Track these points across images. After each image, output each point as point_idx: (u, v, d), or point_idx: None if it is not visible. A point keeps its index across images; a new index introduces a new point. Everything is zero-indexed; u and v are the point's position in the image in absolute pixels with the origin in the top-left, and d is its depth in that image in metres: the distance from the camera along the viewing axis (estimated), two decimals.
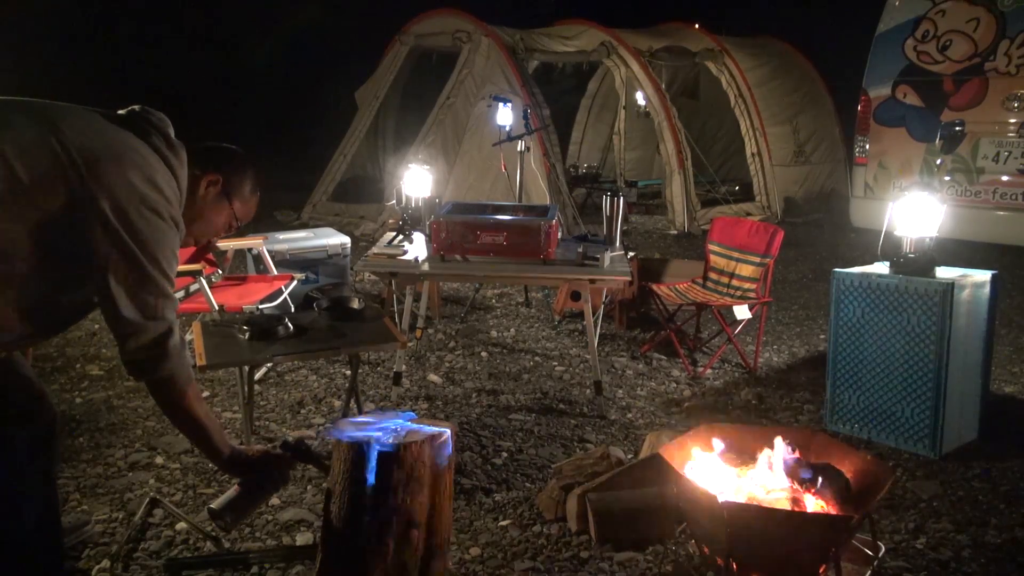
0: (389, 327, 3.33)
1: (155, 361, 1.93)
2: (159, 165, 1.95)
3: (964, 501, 3.06)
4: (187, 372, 1.99)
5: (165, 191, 1.94)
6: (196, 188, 2.10)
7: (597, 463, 3.01)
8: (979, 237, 7.05)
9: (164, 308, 1.94)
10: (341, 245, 5.60)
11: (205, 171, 2.12)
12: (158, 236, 1.90)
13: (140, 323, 1.90)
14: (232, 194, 2.17)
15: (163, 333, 1.93)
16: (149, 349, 1.93)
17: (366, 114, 9.48)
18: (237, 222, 2.23)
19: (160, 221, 1.90)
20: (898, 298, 3.48)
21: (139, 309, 1.90)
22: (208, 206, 2.15)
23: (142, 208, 1.88)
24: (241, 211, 2.21)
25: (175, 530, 2.76)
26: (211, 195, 2.14)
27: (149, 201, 1.89)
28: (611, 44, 9.28)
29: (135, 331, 1.91)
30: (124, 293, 1.88)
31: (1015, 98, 7.03)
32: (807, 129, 10.14)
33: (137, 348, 1.92)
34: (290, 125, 13.36)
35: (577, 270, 4.05)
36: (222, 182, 2.14)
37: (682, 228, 8.90)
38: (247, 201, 2.22)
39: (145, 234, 1.88)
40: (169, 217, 1.93)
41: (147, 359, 1.93)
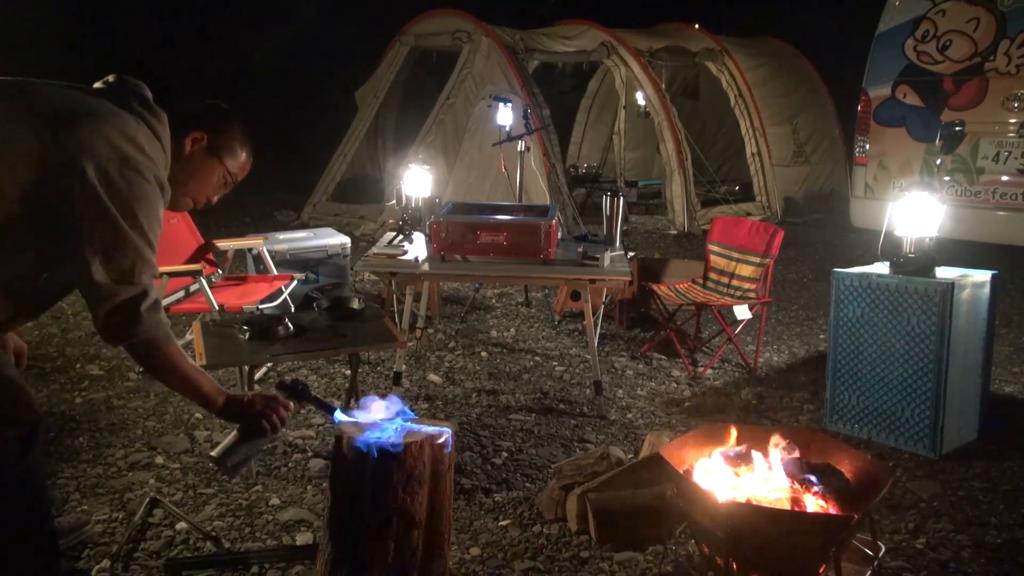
0: (389, 327, 3.33)
1: (126, 326, 1.87)
2: (139, 126, 1.90)
3: (964, 501, 3.06)
4: (164, 332, 1.92)
5: (146, 149, 1.88)
6: (181, 149, 2.03)
7: (597, 463, 3.01)
8: (979, 237, 7.04)
9: (140, 272, 1.86)
10: (341, 245, 5.60)
11: (187, 130, 2.04)
12: (139, 196, 1.83)
13: (111, 288, 1.83)
14: (220, 150, 2.09)
15: (134, 297, 1.85)
16: (119, 314, 1.85)
17: (366, 114, 9.47)
18: (231, 178, 2.16)
19: (142, 181, 1.84)
20: (898, 298, 3.48)
21: (112, 273, 1.83)
22: (196, 166, 2.08)
23: (122, 167, 1.81)
24: (233, 166, 2.14)
25: (175, 530, 2.76)
26: (197, 154, 2.06)
27: (130, 160, 1.83)
28: (611, 44, 9.28)
29: (106, 296, 1.84)
30: (98, 256, 1.81)
31: (1015, 98, 7.03)
32: (807, 129, 10.14)
33: (107, 313, 1.85)
34: (290, 125, 13.35)
35: (577, 270, 4.05)
36: (207, 138, 2.07)
37: (682, 228, 8.90)
38: (237, 155, 2.14)
39: (125, 193, 1.81)
40: (153, 177, 1.87)
41: (118, 324, 1.87)
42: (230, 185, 2.18)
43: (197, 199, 2.15)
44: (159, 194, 1.89)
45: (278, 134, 13.77)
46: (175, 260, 4.49)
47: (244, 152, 2.16)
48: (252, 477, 3.14)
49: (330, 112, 10.61)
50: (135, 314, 1.85)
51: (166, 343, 1.93)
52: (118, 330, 1.88)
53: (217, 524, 2.82)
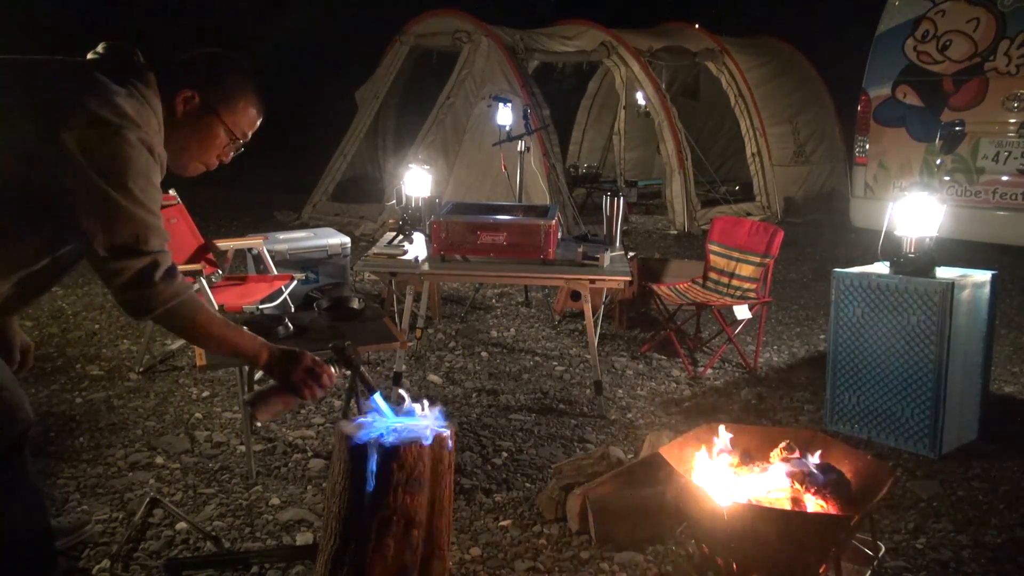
0: (389, 327, 3.33)
1: (145, 300, 1.79)
2: (120, 88, 1.77)
3: (964, 501, 3.06)
4: (186, 300, 1.83)
5: (129, 112, 1.75)
6: (172, 111, 1.89)
7: (597, 463, 3.01)
8: (979, 237, 7.04)
9: (145, 240, 1.76)
10: (341, 245, 5.60)
11: (176, 89, 1.89)
12: (126, 162, 1.72)
13: (118, 262, 1.75)
14: (217, 106, 1.93)
15: (144, 268, 1.77)
16: (134, 288, 1.77)
17: (366, 114, 9.48)
18: (236, 138, 1.99)
19: (126, 146, 1.72)
20: (898, 298, 3.48)
21: (116, 246, 1.74)
22: (193, 127, 1.93)
23: (104, 133, 1.70)
24: (236, 122, 1.96)
25: (175, 530, 2.76)
26: (192, 114, 1.91)
27: (112, 124, 1.71)
28: (611, 44, 9.28)
29: (116, 271, 1.76)
30: (99, 230, 1.72)
31: (1015, 98, 7.03)
32: (807, 129, 10.14)
33: (121, 287, 1.77)
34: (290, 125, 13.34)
35: (577, 270, 4.05)
36: (198, 96, 1.91)
37: (682, 228, 8.90)
38: (237, 109, 1.96)
39: (109, 162, 1.70)
40: (138, 140, 1.74)
41: (136, 299, 1.79)
42: (238, 146, 2.02)
43: (206, 162, 2.01)
44: (150, 159, 1.78)
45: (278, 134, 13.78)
46: (175, 260, 4.49)
47: (246, 104, 1.98)
48: (252, 477, 3.14)
49: (330, 112, 10.60)
50: (149, 286, 1.77)
51: (192, 311, 1.85)
52: (137, 305, 1.81)
53: (217, 524, 2.82)
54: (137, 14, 13.76)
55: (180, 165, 1.99)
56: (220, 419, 3.73)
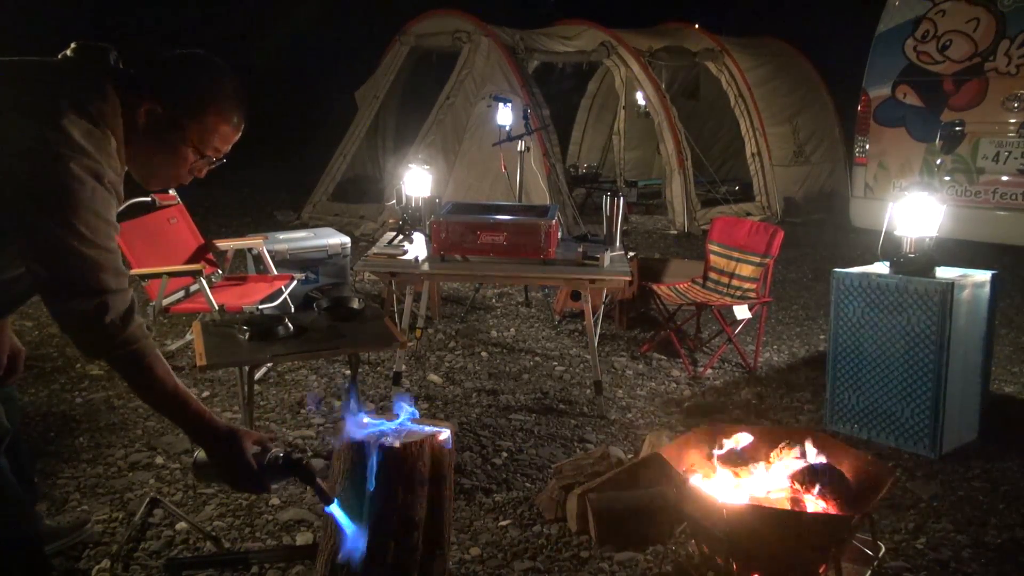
0: (389, 327, 3.33)
1: (91, 344, 1.63)
2: (72, 106, 1.59)
3: (964, 501, 3.06)
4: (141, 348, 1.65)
5: (76, 137, 1.56)
6: (135, 123, 1.69)
7: (597, 463, 3.01)
8: (979, 237, 7.04)
9: (94, 279, 1.58)
10: (341, 245, 5.60)
11: (139, 99, 1.69)
12: (68, 195, 1.54)
13: (64, 302, 1.59)
14: (183, 120, 1.71)
15: (93, 309, 1.58)
16: (81, 331, 1.61)
17: (366, 114, 9.47)
18: (210, 151, 1.76)
19: (69, 177, 1.54)
20: (898, 298, 3.48)
21: (61, 287, 1.58)
22: (157, 142, 1.72)
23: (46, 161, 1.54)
24: (204, 139, 1.74)
25: (175, 530, 2.76)
26: (154, 127, 1.71)
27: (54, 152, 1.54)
28: (611, 44, 9.28)
29: (62, 312, 1.60)
30: (41, 268, 1.57)
31: (1015, 98, 7.03)
32: (807, 129, 10.14)
33: (67, 329, 1.62)
34: (290, 125, 13.36)
35: (577, 270, 4.05)
36: (163, 109, 1.70)
37: (682, 228, 8.90)
38: (209, 125, 1.73)
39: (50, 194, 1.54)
40: (84, 170, 1.56)
41: (83, 342, 1.63)
42: (209, 161, 1.80)
43: (176, 179, 1.82)
44: (98, 189, 1.59)
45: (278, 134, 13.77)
46: (175, 260, 4.49)
47: (217, 119, 1.74)
48: None
49: (330, 112, 10.61)
50: (98, 329, 1.60)
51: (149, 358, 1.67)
52: (85, 348, 1.65)
53: (217, 524, 2.82)
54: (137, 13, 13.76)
55: (145, 178, 1.81)
56: (220, 419, 3.73)
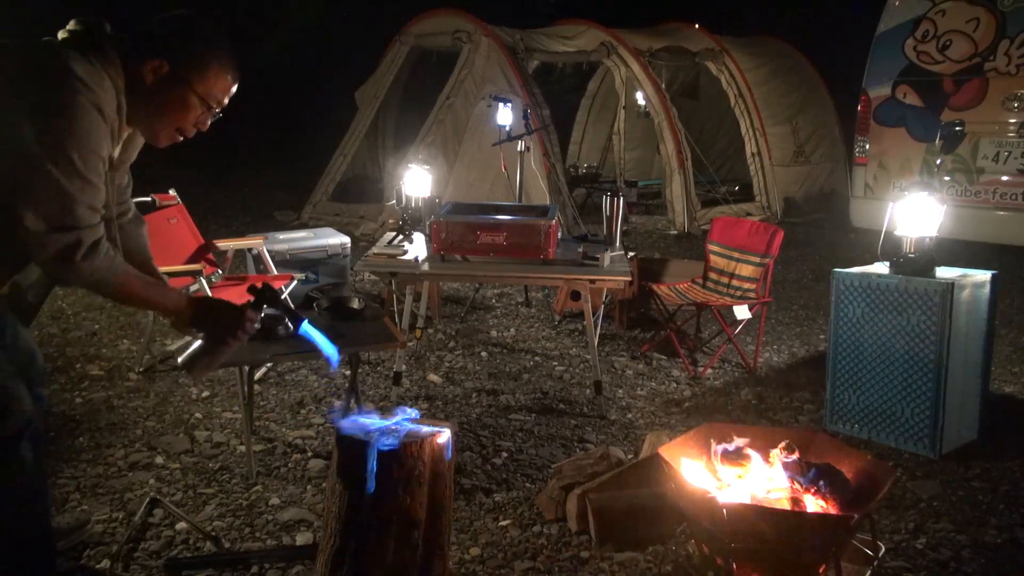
0: (389, 327, 3.33)
1: (65, 275, 1.77)
2: (73, 53, 1.75)
3: (964, 501, 3.06)
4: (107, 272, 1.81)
5: (80, 74, 1.71)
6: (140, 80, 1.84)
7: (597, 463, 3.01)
8: (979, 237, 7.05)
9: (72, 215, 1.72)
10: (341, 245, 5.60)
11: (144, 58, 1.84)
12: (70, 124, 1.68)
13: (43, 236, 1.70)
14: (188, 75, 1.87)
15: (70, 244, 1.72)
16: (57, 263, 1.74)
17: (366, 114, 9.47)
18: (209, 106, 1.93)
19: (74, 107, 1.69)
20: (898, 298, 3.48)
21: (43, 220, 1.69)
22: (164, 97, 1.87)
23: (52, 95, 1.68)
24: (208, 91, 1.90)
25: (175, 530, 2.76)
26: (161, 84, 1.85)
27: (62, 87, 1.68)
28: (611, 44, 9.28)
29: (41, 244, 1.71)
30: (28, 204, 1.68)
31: (1015, 98, 7.03)
32: (807, 129, 10.13)
33: (44, 261, 1.75)
34: (290, 125, 13.35)
35: (577, 270, 4.05)
36: (167, 65, 1.85)
37: (682, 228, 8.90)
38: (209, 77, 1.90)
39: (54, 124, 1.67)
40: (87, 102, 1.71)
41: (57, 272, 1.77)
42: (211, 113, 1.96)
43: (181, 131, 1.96)
44: (98, 119, 1.74)
45: (278, 134, 13.77)
46: (175, 260, 4.49)
47: (218, 70, 1.91)
48: (252, 477, 3.14)
49: (330, 112, 10.60)
50: (71, 263, 1.74)
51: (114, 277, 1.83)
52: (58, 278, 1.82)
53: (217, 524, 2.82)
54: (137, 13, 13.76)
55: (153, 133, 1.96)
56: (220, 419, 3.73)
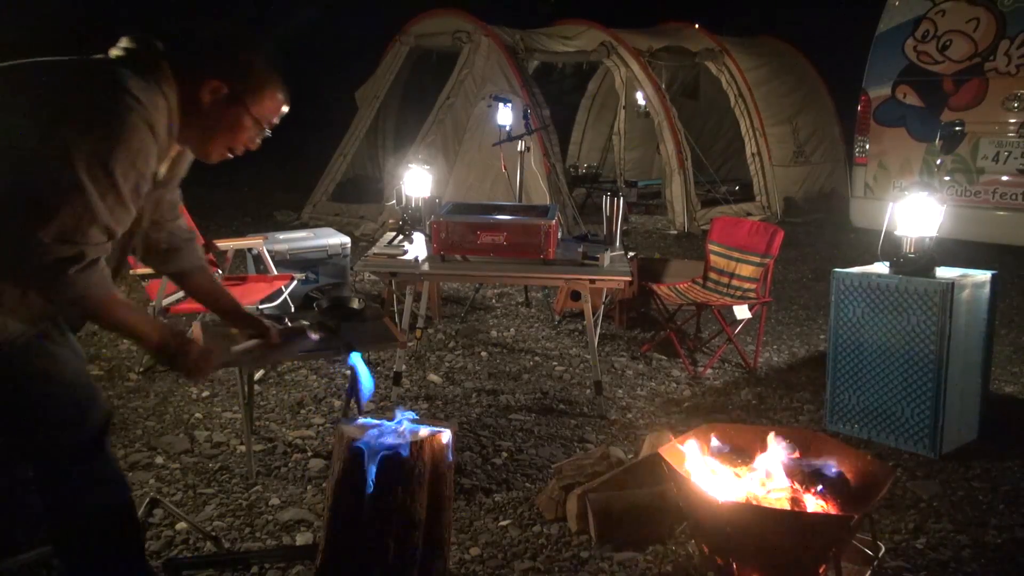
0: (389, 327, 3.33)
1: (54, 285, 1.69)
2: (126, 71, 1.74)
3: (964, 501, 3.06)
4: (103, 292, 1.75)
5: (135, 91, 1.70)
6: (197, 99, 1.85)
7: (597, 463, 3.01)
8: (979, 237, 7.05)
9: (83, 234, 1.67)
10: (341, 245, 5.60)
11: (204, 78, 1.84)
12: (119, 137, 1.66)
13: (48, 245, 1.63)
14: (243, 96, 1.88)
15: (68, 258, 1.66)
16: (49, 272, 1.67)
17: (366, 114, 9.47)
18: (263, 126, 1.97)
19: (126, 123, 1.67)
20: (898, 298, 3.48)
21: (55, 229, 1.63)
22: (220, 117, 1.89)
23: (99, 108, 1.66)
24: (262, 111, 1.93)
25: (175, 530, 2.76)
26: (219, 104, 1.87)
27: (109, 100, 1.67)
28: (611, 44, 9.28)
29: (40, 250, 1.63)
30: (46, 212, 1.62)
31: (1015, 98, 7.03)
32: (807, 129, 10.14)
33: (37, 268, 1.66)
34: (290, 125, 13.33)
35: (577, 270, 4.05)
36: (226, 87, 1.86)
37: (682, 228, 8.90)
38: (265, 98, 1.92)
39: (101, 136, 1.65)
40: (140, 119, 1.70)
41: (46, 280, 1.69)
42: (263, 132, 1.99)
43: (232, 149, 1.99)
44: (148, 136, 1.73)
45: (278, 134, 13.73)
46: None
47: (272, 91, 1.94)
48: (252, 477, 3.14)
49: (330, 112, 10.60)
50: (64, 274, 1.67)
51: (102, 298, 1.77)
52: (46, 285, 1.71)
53: (217, 524, 2.82)
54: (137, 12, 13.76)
55: (205, 152, 1.98)
56: (220, 419, 3.73)
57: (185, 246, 2.26)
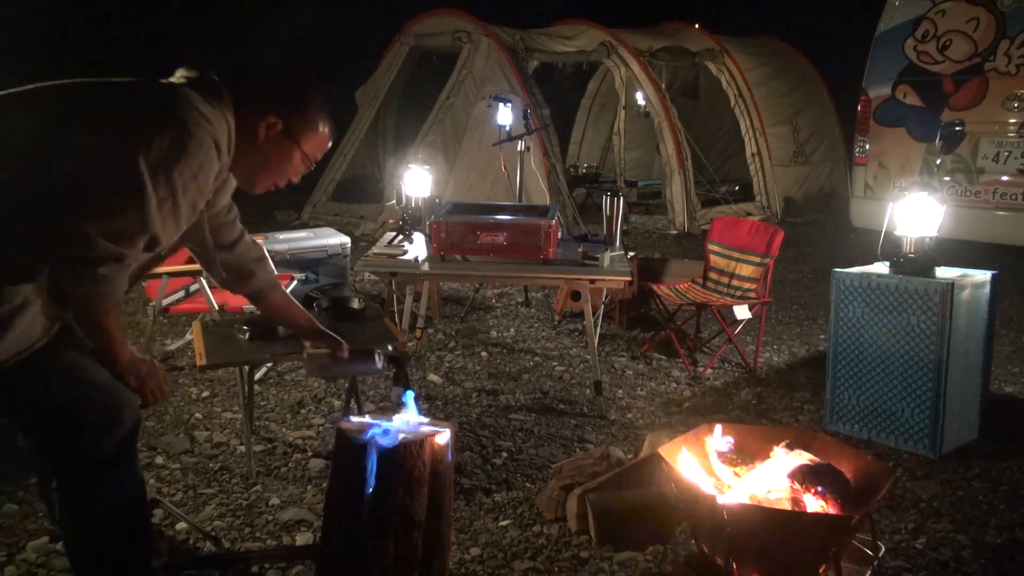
0: (389, 327, 3.33)
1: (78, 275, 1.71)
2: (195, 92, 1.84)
3: (964, 501, 3.06)
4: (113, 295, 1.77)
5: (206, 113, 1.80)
6: (255, 133, 1.94)
7: (597, 463, 3.01)
8: (979, 237, 7.04)
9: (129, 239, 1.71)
10: (341, 245, 5.60)
11: (263, 112, 1.94)
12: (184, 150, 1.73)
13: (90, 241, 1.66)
14: (297, 132, 1.99)
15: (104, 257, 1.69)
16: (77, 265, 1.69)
17: (366, 114, 9.48)
18: (310, 161, 2.06)
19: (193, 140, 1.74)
20: (898, 298, 3.48)
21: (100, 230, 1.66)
22: (272, 151, 1.99)
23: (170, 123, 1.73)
24: (311, 148, 2.03)
25: (175, 530, 2.76)
26: (273, 139, 1.97)
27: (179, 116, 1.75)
28: (611, 44, 9.28)
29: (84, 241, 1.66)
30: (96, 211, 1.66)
31: (1015, 98, 7.03)
32: (807, 129, 10.14)
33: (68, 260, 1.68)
34: None
35: (577, 270, 4.05)
36: (282, 123, 1.96)
37: (682, 228, 8.90)
38: (315, 135, 2.03)
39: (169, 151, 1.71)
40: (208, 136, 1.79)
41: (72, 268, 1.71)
42: (308, 168, 2.08)
43: (278, 183, 2.08)
44: (213, 154, 1.81)
45: None
46: (175, 260, 4.48)
47: (323, 129, 2.05)
48: (252, 477, 3.14)
49: (330, 112, 10.61)
50: (92, 271, 1.70)
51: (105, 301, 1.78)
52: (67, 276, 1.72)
53: (217, 524, 2.82)
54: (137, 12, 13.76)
55: (252, 183, 2.07)
56: (220, 419, 3.73)
57: (257, 267, 2.34)
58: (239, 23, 14.20)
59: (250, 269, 2.32)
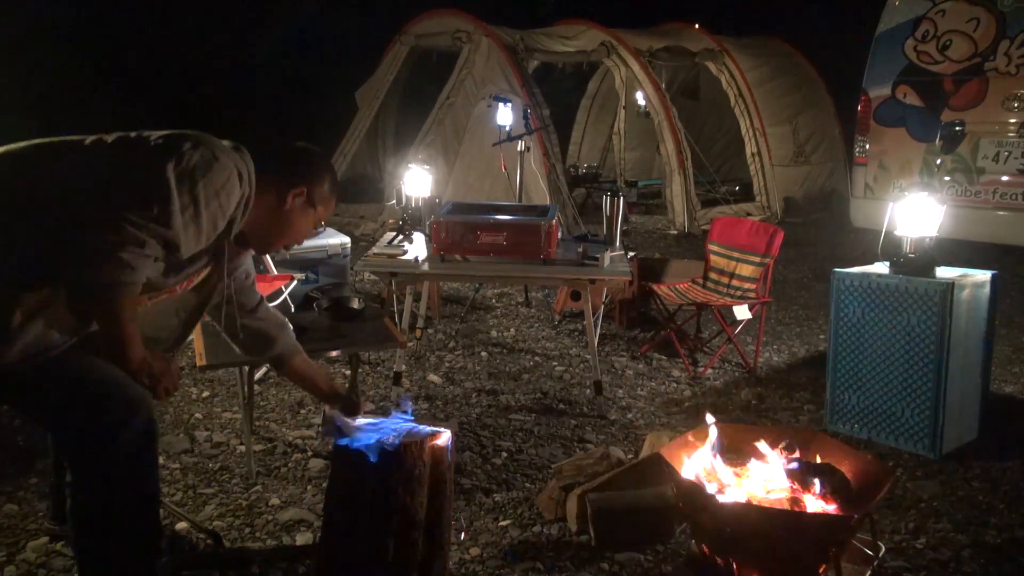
0: (389, 327, 3.33)
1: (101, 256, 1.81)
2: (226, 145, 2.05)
3: (964, 501, 3.06)
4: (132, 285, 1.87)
5: (228, 146, 2.01)
6: (283, 201, 2.16)
7: (597, 463, 3.01)
8: (979, 237, 7.04)
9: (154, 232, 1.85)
10: (341, 245, 5.60)
11: (292, 183, 2.16)
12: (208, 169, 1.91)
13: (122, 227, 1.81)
14: (316, 200, 2.22)
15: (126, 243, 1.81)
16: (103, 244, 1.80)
17: (366, 114, 9.48)
18: (319, 224, 2.29)
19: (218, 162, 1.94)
20: (898, 298, 3.48)
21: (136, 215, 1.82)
22: (295, 217, 2.20)
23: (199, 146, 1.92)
24: (324, 214, 2.27)
25: (175, 530, 2.76)
26: (298, 206, 2.19)
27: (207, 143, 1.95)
28: (611, 44, 9.28)
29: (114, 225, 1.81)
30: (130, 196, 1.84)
31: (1015, 98, 7.03)
32: (807, 129, 10.13)
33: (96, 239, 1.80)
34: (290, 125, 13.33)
35: (577, 270, 4.05)
36: (306, 192, 2.18)
37: (682, 228, 8.90)
38: (329, 202, 2.27)
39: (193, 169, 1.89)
40: (233, 164, 1.97)
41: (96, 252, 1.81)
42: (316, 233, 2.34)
43: (288, 244, 2.29)
44: (235, 178, 1.97)
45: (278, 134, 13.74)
46: None
47: (335, 196, 2.30)
48: (252, 477, 3.14)
49: (330, 112, 10.60)
50: (116, 252, 1.81)
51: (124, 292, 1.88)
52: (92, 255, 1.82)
53: (217, 524, 2.82)
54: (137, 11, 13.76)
55: (267, 245, 2.29)
56: (220, 419, 3.73)
57: (279, 333, 2.49)
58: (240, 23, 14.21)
59: (272, 335, 2.47)
